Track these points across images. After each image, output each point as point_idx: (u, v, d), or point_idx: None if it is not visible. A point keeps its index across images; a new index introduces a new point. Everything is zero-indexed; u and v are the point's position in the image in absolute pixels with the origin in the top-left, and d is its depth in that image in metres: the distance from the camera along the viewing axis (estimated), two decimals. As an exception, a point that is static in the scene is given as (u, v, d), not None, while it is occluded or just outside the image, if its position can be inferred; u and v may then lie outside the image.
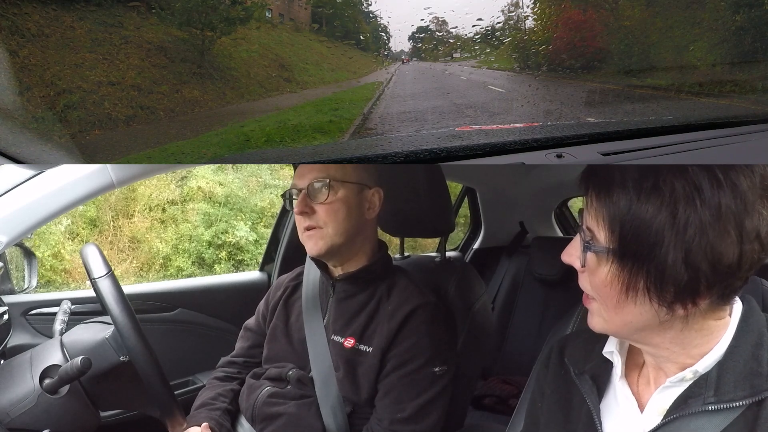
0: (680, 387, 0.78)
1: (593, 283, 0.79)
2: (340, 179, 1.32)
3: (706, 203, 0.69)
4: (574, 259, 0.81)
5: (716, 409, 0.74)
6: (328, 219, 1.30)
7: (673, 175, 0.70)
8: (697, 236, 0.69)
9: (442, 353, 1.30)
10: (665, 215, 0.70)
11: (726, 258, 0.69)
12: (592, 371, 0.89)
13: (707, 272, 0.70)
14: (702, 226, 0.69)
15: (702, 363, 0.77)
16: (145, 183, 6.02)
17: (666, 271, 0.71)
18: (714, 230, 0.69)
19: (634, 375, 0.87)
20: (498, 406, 2.44)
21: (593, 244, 0.76)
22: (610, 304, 0.77)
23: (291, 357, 1.40)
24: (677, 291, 0.72)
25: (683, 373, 0.77)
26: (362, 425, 1.29)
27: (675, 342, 0.78)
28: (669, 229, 0.70)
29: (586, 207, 0.78)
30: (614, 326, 0.80)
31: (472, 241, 3.12)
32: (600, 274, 0.77)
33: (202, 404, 1.43)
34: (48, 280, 5.14)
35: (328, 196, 1.30)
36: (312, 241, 1.32)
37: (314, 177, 1.32)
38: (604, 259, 0.76)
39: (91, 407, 1.29)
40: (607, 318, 0.79)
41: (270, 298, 1.54)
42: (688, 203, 0.69)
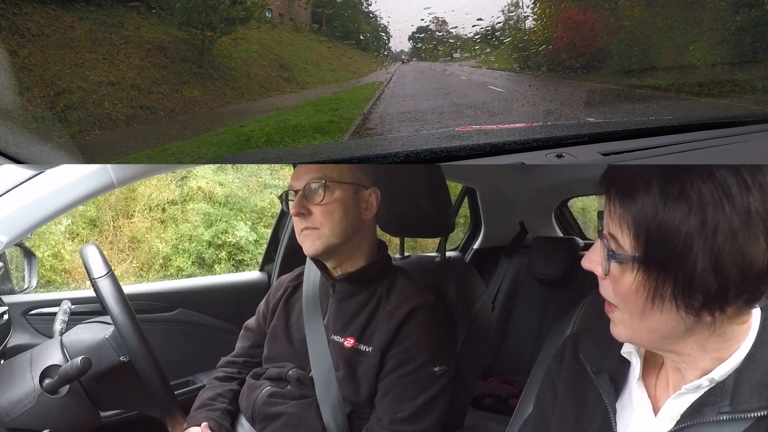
0: (696, 394, 0.77)
1: (617, 291, 0.76)
2: (336, 180, 1.32)
3: (736, 208, 0.66)
4: (595, 266, 0.78)
5: (730, 418, 0.73)
6: (325, 220, 1.31)
7: (700, 178, 0.68)
8: (728, 243, 0.67)
9: (441, 353, 1.30)
10: (694, 222, 0.67)
11: (756, 264, 0.67)
12: (611, 370, 0.87)
13: (736, 279, 0.68)
14: (732, 232, 0.66)
15: (719, 370, 0.75)
16: (145, 183, 6.01)
17: (694, 280, 0.68)
18: (744, 236, 0.67)
19: (651, 377, 0.85)
20: (498, 406, 2.44)
21: (618, 253, 0.74)
22: (635, 313, 0.75)
23: (291, 357, 1.40)
24: (705, 299, 0.69)
25: (700, 381, 0.76)
26: (362, 425, 1.29)
27: (698, 347, 0.76)
28: (698, 236, 0.67)
29: (608, 211, 0.75)
30: (639, 335, 0.78)
31: (472, 241, 3.12)
32: (624, 282, 0.74)
33: (201, 404, 1.43)
34: (48, 280, 5.13)
35: (324, 197, 1.30)
36: (309, 242, 1.32)
37: (310, 178, 1.32)
38: (629, 267, 0.73)
39: (91, 407, 1.29)
40: (632, 326, 0.77)
41: (270, 298, 1.54)
42: (717, 208, 0.67)
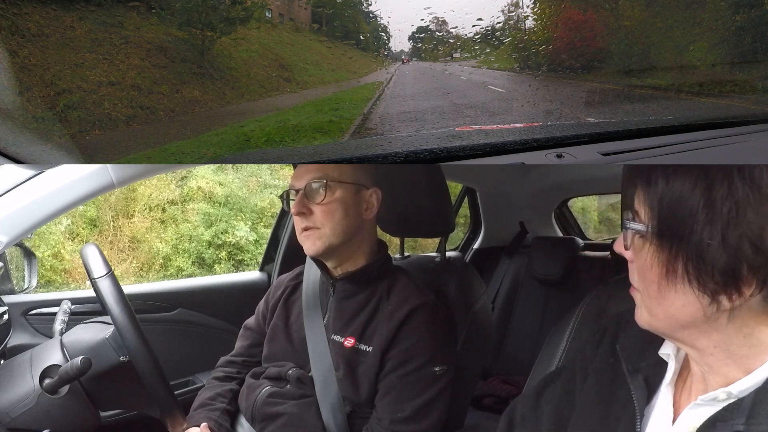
0: (713, 407, 0.74)
1: (638, 268, 0.77)
2: (338, 179, 1.32)
3: (746, 179, 0.66)
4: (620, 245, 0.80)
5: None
6: (325, 219, 1.30)
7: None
8: (734, 212, 0.66)
9: (441, 353, 1.30)
10: (701, 189, 0.68)
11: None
12: (646, 372, 0.85)
13: (749, 254, 0.67)
14: (740, 202, 0.66)
15: (739, 385, 0.72)
16: (145, 183, 6.01)
17: (704, 251, 0.68)
18: (753, 208, 0.66)
19: (680, 382, 0.83)
20: (498, 406, 2.44)
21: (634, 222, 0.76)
22: (652, 292, 0.75)
23: (291, 356, 1.40)
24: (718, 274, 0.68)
25: (716, 393, 0.73)
26: (362, 425, 1.29)
27: (721, 347, 0.74)
28: (704, 205, 0.68)
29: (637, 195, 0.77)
30: (658, 320, 0.77)
31: (472, 241, 3.12)
32: (641, 256, 0.76)
33: (201, 404, 1.43)
34: (48, 280, 5.13)
35: (326, 197, 1.30)
36: (309, 242, 1.32)
37: (311, 177, 1.32)
38: (646, 239, 0.75)
39: (91, 407, 1.29)
40: (650, 309, 0.77)
41: (270, 298, 1.54)
42: (726, 177, 0.67)
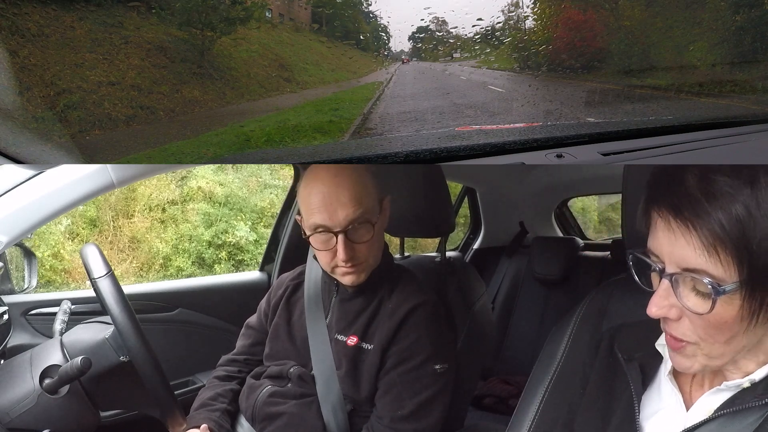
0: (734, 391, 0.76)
1: (706, 326, 0.69)
2: (377, 213, 1.28)
3: None
4: (670, 310, 0.71)
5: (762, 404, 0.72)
6: (370, 253, 1.29)
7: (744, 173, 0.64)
8: None
9: (442, 351, 1.30)
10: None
11: None
12: (642, 360, 0.87)
13: None
14: None
15: (759, 373, 0.74)
16: (145, 183, 6.01)
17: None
18: None
19: (687, 375, 0.83)
20: (498, 406, 2.44)
21: (722, 285, 0.66)
22: (721, 339, 0.70)
23: (293, 355, 1.40)
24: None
25: (741, 381, 0.75)
26: (362, 423, 1.29)
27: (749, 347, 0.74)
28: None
29: (672, 242, 0.68)
30: (717, 362, 0.73)
31: (472, 241, 3.12)
32: (726, 314, 0.67)
33: (201, 405, 1.43)
34: (48, 280, 5.13)
35: (374, 235, 1.27)
36: (354, 276, 1.29)
37: (350, 218, 1.22)
38: (737, 295, 0.66)
39: (91, 407, 1.29)
40: (711, 354, 0.72)
41: (271, 297, 1.54)
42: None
